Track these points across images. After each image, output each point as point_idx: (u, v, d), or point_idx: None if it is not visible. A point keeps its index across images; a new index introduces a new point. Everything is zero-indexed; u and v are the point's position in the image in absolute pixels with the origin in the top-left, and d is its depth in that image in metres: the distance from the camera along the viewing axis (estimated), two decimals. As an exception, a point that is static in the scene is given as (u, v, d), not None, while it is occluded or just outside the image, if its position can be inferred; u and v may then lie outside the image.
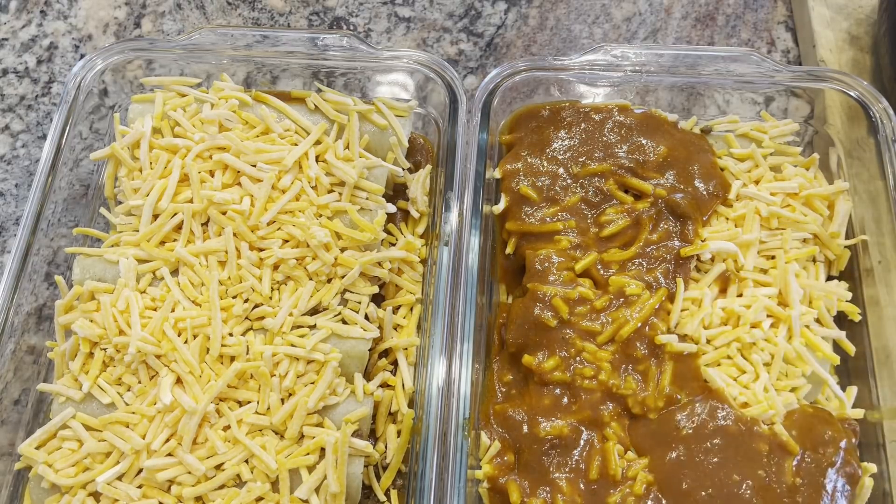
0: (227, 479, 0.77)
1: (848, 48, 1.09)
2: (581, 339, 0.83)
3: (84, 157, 0.94)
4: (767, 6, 1.18)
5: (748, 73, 0.96)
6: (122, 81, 0.99)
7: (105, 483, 0.77)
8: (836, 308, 0.88)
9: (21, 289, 0.85)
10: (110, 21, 1.18)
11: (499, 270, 0.94)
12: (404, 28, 1.17)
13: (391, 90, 1.00)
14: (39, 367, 0.88)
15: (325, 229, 0.85)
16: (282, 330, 0.83)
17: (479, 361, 0.86)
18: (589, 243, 0.89)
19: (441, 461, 0.79)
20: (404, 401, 0.85)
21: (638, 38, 1.16)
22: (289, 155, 0.89)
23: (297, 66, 1.00)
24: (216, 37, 0.99)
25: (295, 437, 0.79)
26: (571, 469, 0.79)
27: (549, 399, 0.82)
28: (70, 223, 0.93)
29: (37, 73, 1.14)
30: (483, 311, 0.88)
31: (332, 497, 0.77)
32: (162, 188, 0.88)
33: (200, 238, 0.87)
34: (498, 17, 1.18)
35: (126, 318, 0.82)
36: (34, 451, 0.80)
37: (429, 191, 0.95)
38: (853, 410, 0.84)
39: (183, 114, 0.93)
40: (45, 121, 1.11)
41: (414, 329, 0.89)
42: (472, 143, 0.92)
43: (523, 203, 0.91)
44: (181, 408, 0.78)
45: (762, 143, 0.96)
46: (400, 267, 0.91)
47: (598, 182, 0.92)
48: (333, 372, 0.81)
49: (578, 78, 0.98)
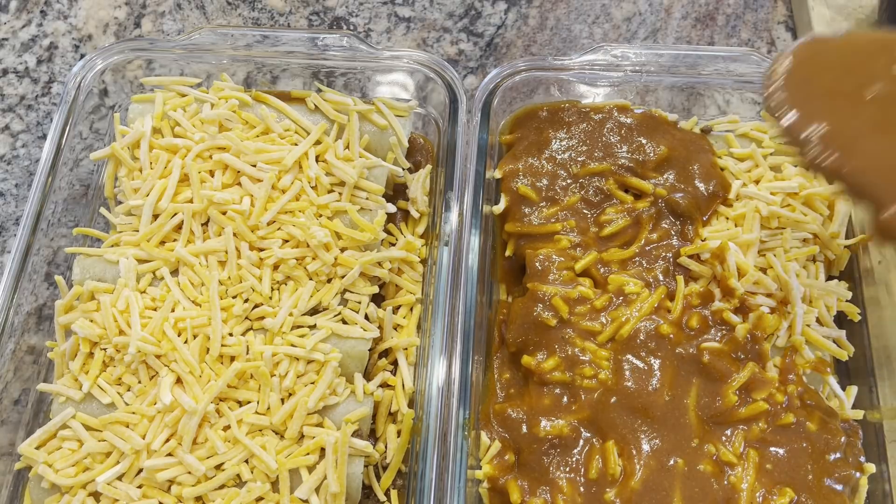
0: (227, 479, 0.77)
1: (848, 48, 1.09)
2: (581, 338, 0.83)
3: (84, 157, 0.94)
4: (767, 6, 1.18)
5: (748, 73, 0.96)
6: (122, 81, 0.99)
7: (105, 483, 0.77)
8: (835, 308, 0.88)
9: (21, 289, 0.85)
10: (110, 21, 1.18)
11: (499, 270, 0.94)
12: (404, 28, 1.17)
13: (391, 90, 1.00)
14: (39, 367, 0.88)
15: (325, 229, 0.85)
16: (282, 330, 0.83)
17: (479, 361, 0.86)
18: (589, 243, 0.89)
19: (441, 461, 0.79)
20: (404, 401, 0.85)
21: (638, 38, 1.16)
22: (289, 155, 0.89)
23: (297, 66, 1.00)
24: (216, 37, 0.99)
25: (295, 437, 0.79)
26: (572, 469, 0.79)
27: (549, 399, 0.82)
28: (70, 223, 0.93)
29: (37, 73, 1.14)
30: (483, 311, 0.88)
31: (332, 497, 0.77)
32: (162, 188, 0.88)
33: (200, 238, 0.87)
34: (498, 17, 1.18)
35: (126, 318, 0.82)
36: (34, 451, 0.80)
37: (429, 191, 0.95)
38: (853, 411, 0.84)
39: (183, 114, 0.93)
40: (45, 121, 1.11)
41: (414, 329, 0.89)
42: (472, 143, 0.92)
43: (523, 203, 0.91)
44: (181, 408, 0.78)
45: (762, 143, 0.96)
46: (400, 267, 0.91)
47: (598, 182, 0.92)
48: (333, 372, 0.81)
49: (578, 78, 0.98)
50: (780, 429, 0.80)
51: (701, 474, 0.77)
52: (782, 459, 0.79)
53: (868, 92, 0.70)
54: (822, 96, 0.71)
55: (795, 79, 0.72)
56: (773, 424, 0.80)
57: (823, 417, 0.81)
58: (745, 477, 0.77)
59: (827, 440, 0.80)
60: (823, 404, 0.82)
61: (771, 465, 0.78)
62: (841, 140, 0.68)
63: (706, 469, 0.77)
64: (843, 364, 0.87)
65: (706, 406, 0.80)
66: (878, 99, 0.70)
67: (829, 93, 0.71)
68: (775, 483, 0.77)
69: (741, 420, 0.80)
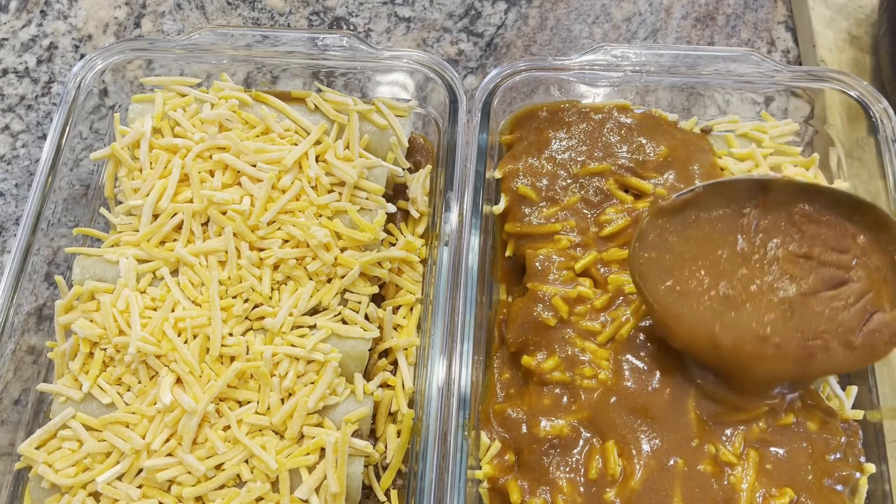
0: (227, 479, 0.77)
1: (848, 48, 1.09)
2: (581, 338, 0.83)
3: (84, 157, 0.94)
4: (767, 6, 1.18)
5: (748, 73, 0.96)
6: (122, 81, 0.99)
7: (105, 483, 0.77)
8: (836, 308, 0.88)
9: (21, 289, 0.85)
10: (110, 21, 1.18)
11: (499, 270, 0.94)
12: (404, 28, 1.17)
13: (391, 90, 1.00)
14: (39, 367, 0.88)
15: (325, 229, 0.85)
16: (282, 330, 0.83)
17: (479, 361, 0.86)
18: (589, 243, 0.89)
19: (441, 461, 0.79)
20: (404, 401, 0.85)
21: (638, 38, 1.16)
22: (289, 155, 0.89)
23: (297, 66, 1.00)
24: (216, 37, 0.99)
25: (295, 437, 0.79)
26: (572, 469, 0.79)
27: (548, 399, 0.82)
28: (70, 223, 0.93)
29: (37, 73, 1.14)
30: (483, 311, 0.88)
31: (332, 497, 0.77)
32: (162, 188, 0.88)
33: (200, 238, 0.87)
34: (498, 17, 1.18)
35: (126, 318, 0.82)
36: (34, 451, 0.80)
37: (429, 191, 0.95)
38: (853, 411, 0.84)
39: (183, 114, 0.93)
40: (45, 121, 1.11)
41: (414, 329, 0.89)
42: (472, 143, 0.92)
43: (523, 203, 0.91)
44: (181, 408, 0.78)
45: (762, 143, 0.96)
46: (400, 267, 0.91)
47: (598, 182, 0.92)
48: (333, 372, 0.81)
49: (578, 78, 0.98)
50: (780, 429, 0.80)
51: (701, 474, 0.77)
52: (782, 459, 0.79)
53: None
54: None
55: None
56: (773, 424, 0.80)
57: (823, 417, 0.81)
58: (745, 477, 0.77)
59: (827, 440, 0.80)
60: (823, 404, 0.82)
61: (771, 465, 0.78)
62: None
63: (706, 469, 0.77)
64: (842, 364, 0.87)
65: (706, 406, 0.80)
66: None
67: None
68: (775, 483, 0.77)
69: (741, 420, 0.80)
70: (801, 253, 0.78)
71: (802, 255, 0.78)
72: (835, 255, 0.78)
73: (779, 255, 0.78)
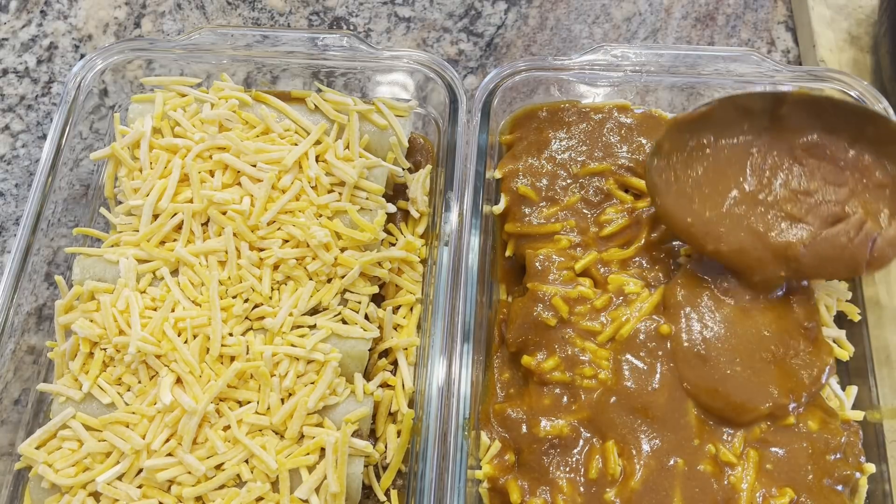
0: (227, 479, 0.77)
1: (848, 48, 1.09)
2: (581, 338, 0.83)
3: (84, 157, 0.94)
4: (767, 6, 1.18)
5: (748, 73, 0.96)
6: (122, 81, 0.99)
7: (105, 483, 0.77)
8: (835, 308, 0.88)
9: (21, 289, 0.86)
10: (110, 21, 1.18)
11: (499, 270, 0.94)
12: (404, 28, 1.17)
13: (391, 90, 1.00)
14: (39, 367, 0.88)
15: (325, 229, 0.85)
16: (282, 330, 0.83)
17: (479, 361, 0.86)
18: (589, 243, 0.89)
19: (441, 461, 0.79)
20: (404, 401, 0.85)
21: (638, 38, 1.16)
22: (289, 155, 0.89)
23: (297, 66, 1.00)
24: (216, 37, 0.99)
25: (295, 437, 0.79)
26: (572, 469, 0.79)
27: (549, 399, 0.82)
28: (70, 223, 0.93)
29: (37, 73, 1.14)
30: (483, 311, 0.88)
31: (332, 497, 0.77)
32: (162, 188, 0.88)
33: (200, 238, 0.87)
34: (498, 17, 1.18)
35: (126, 318, 0.82)
36: (34, 451, 0.80)
37: (429, 191, 0.95)
38: (853, 411, 0.84)
39: (183, 114, 0.93)
40: (45, 121, 1.11)
41: (414, 329, 0.89)
42: (472, 143, 0.92)
43: (523, 203, 0.91)
44: (181, 408, 0.78)
45: (762, 143, 0.96)
46: (400, 267, 0.91)
47: (598, 182, 0.92)
48: (333, 372, 0.81)
49: (578, 78, 0.98)
50: (780, 429, 0.80)
51: (701, 474, 0.77)
52: (782, 459, 0.79)
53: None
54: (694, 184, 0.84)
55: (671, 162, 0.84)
56: (774, 424, 0.80)
57: (824, 417, 0.81)
58: (745, 477, 0.77)
59: (827, 440, 0.80)
60: (823, 404, 0.83)
61: (771, 465, 0.78)
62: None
63: (706, 469, 0.77)
64: (843, 364, 0.87)
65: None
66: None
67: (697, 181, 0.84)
68: (775, 483, 0.77)
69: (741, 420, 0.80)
70: (802, 189, 0.82)
71: (802, 191, 0.82)
72: (832, 189, 0.81)
73: (781, 193, 0.82)
